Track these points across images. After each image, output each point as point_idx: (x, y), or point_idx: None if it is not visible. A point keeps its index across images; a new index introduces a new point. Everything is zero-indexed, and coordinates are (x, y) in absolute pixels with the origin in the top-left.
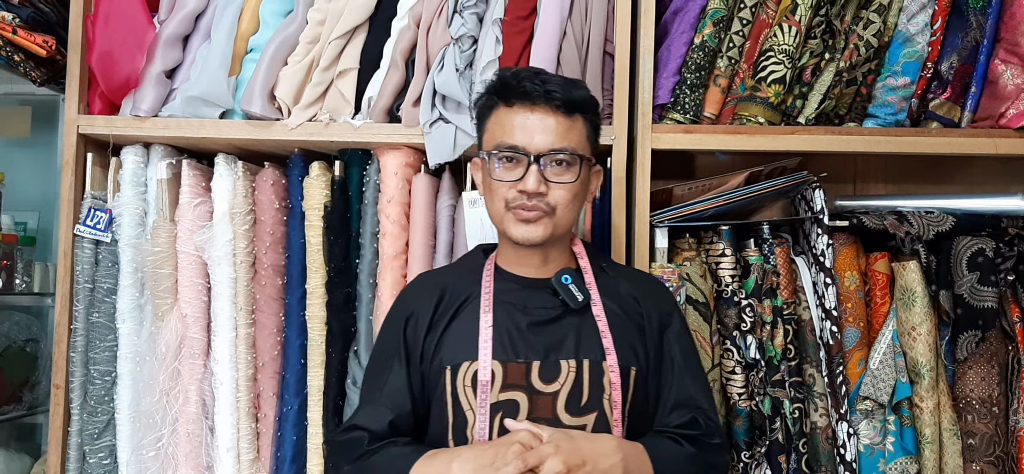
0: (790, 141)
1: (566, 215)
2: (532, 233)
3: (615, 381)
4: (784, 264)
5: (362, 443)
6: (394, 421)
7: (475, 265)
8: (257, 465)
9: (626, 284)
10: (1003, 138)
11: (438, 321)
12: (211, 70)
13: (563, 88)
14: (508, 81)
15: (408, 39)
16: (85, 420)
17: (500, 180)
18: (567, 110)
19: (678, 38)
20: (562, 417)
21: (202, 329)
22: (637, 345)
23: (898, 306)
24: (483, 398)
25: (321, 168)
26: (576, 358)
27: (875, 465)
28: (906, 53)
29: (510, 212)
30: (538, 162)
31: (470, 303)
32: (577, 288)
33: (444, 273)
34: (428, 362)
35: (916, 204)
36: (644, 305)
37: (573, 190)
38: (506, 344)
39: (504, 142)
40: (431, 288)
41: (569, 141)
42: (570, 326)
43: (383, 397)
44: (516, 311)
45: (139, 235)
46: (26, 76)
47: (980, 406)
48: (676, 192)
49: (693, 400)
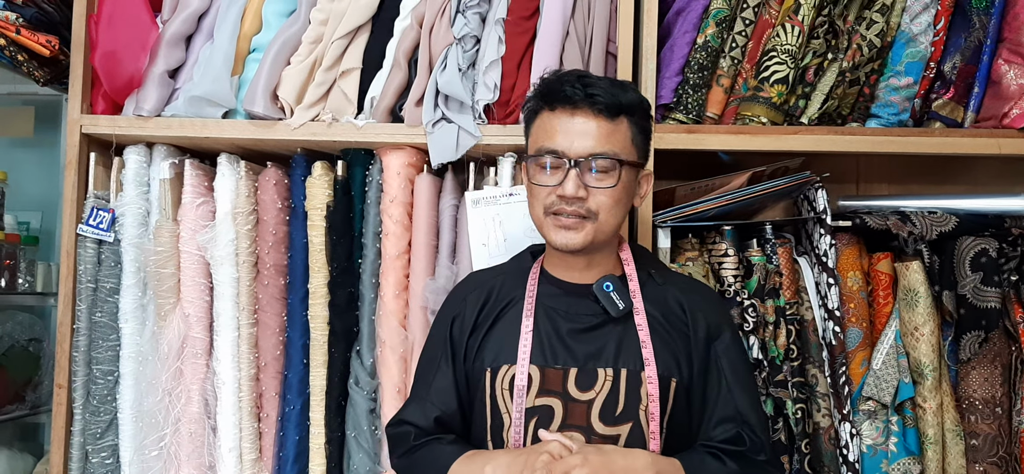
0: (793, 141)
1: (608, 221)
2: (571, 239)
3: (653, 392)
4: (787, 264)
5: (409, 438)
6: (440, 418)
7: (523, 268)
8: (259, 465)
9: (674, 292)
10: (1006, 138)
11: (482, 323)
12: (214, 70)
13: (607, 91)
14: (551, 85)
15: (411, 39)
16: (88, 420)
17: (540, 185)
18: (610, 114)
19: (681, 38)
20: (596, 426)
21: (204, 329)
22: (680, 356)
23: (901, 306)
24: (519, 402)
25: (324, 168)
26: (614, 367)
27: (878, 466)
28: (909, 53)
29: (549, 217)
30: (577, 166)
31: (513, 306)
32: (618, 296)
33: (493, 274)
34: (471, 362)
35: (919, 204)
36: (691, 314)
37: (614, 195)
38: (545, 349)
39: (544, 146)
40: (479, 289)
41: (610, 145)
42: (611, 334)
43: (430, 394)
44: (558, 317)
45: (142, 235)
46: (29, 76)
47: (983, 407)
48: (679, 192)
49: (740, 415)
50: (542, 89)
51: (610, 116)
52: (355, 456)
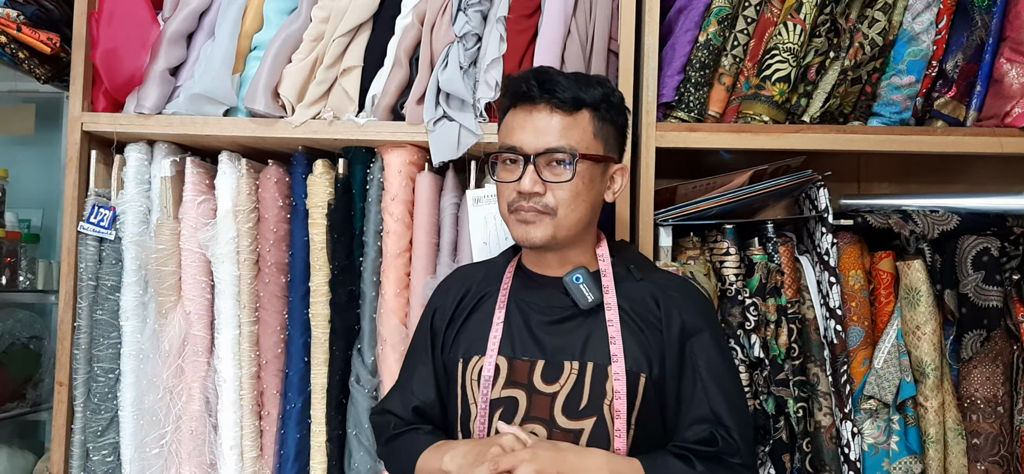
0: (794, 140)
1: (569, 215)
2: (531, 234)
3: (620, 388)
4: (788, 263)
5: (389, 427)
6: (419, 408)
7: (503, 262)
8: (260, 463)
9: (652, 288)
10: (1008, 137)
11: (459, 314)
12: (215, 68)
13: (568, 86)
14: (512, 83)
15: (412, 37)
16: (88, 418)
17: (502, 182)
18: (569, 108)
19: (682, 36)
20: (559, 419)
21: (205, 327)
22: (652, 352)
23: (903, 305)
24: (484, 392)
25: (325, 166)
26: (580, 360)
27: (879, 464)
28: (911, 52)
29: (512, 214)
30: (533, 162)
31: (489, 299)
32: (588, 289)
33: (476, 268)
34: (447, 353)
35: (921, 203)
36: (665, 311)
37: (572, 189)
38: (515, 341)
39: (504, 144)
40: (459, 282)
41: (566, 139)
42: (580, 327)
43: (411, 384)
44: (530, 309)
45: (143, 232)
46: (30, 73)
47: (985, 406)
48: (680, 191)
49: (715, 416)
50: (505, 87)
51: (569, 110)
52: (356, 454)
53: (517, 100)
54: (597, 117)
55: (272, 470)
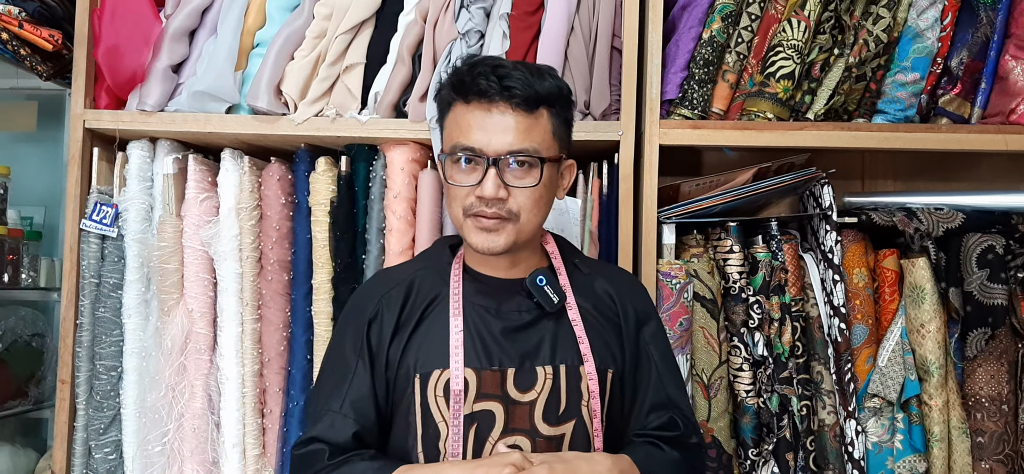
0: (798, 137)
1: (531, 220)
2: (493, 243)
3: (594, 388)
4: (792, 261)
5: (322, 457)
6: (358, 432)
7: (441, 262)
8: (263, 461)
9: (602, 281)
10: (1013, 134)
11: (404, 324)
12: (217, 65)
13: (524, 82)
14: (463, 77)
15: (415, 34)
16: (91, 415)
17: (458, 184)
18: (528, 106)
19: (686, 33)
20: (540, 427)
21: (208, 324)
22: (614, 345)
23: (907, 303)
24: (457, 409)
25: (327, 163)
26: (552, 364)
27: (883, 463)
28: (916, 49)
29: (469, 219)
30: (496, 165)
31: (438, 305)
32: (552, 289)
33: (406, 270)
34: (394, 368)
35: (925, 201)
36: (620, 303)
37: (535, 194)
38: (479, 351)
39: (460, 143)
40: (395, 288)
41: (530, 141)
42: (545, 330)
43: (345, 406)
44: (488, 315)
45: (145, 230)
46: (32, 70)
47: (989, 404)
48: (683, 188)
49: (671, 400)
50: (454, 80)
51: (529, 109)
52: None
53: (471, 95)
54: (553, 115)
55: (275, 468)
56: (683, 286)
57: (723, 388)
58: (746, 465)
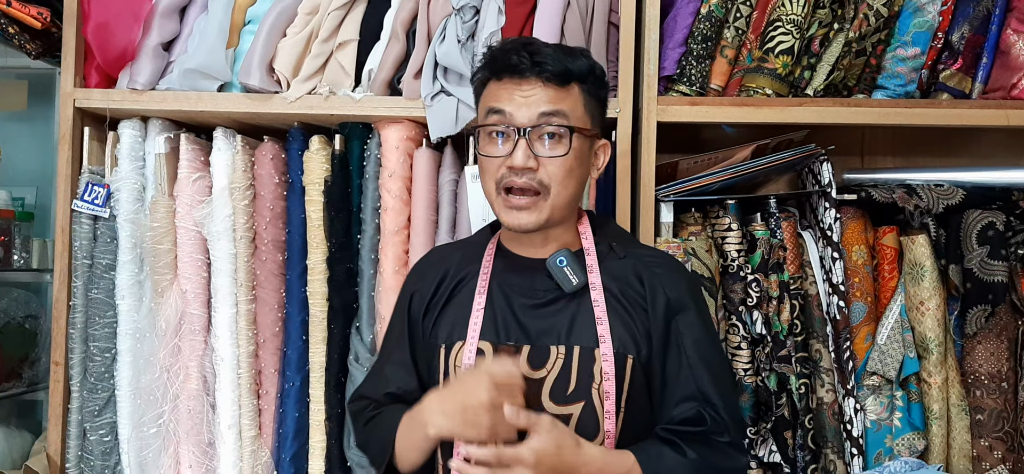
0: (798, 113)
1: (562, 194)
2: (523, 220)
3: (608, 371)
4: (791, 238)
5: (365, 411)
6: (393, 393)
7: (482, 242)
8: (259, 442)
9: (635, 265)
10: (1015, 109)
11: (438, 299)
12: (209, 42)
13: (555, 58)
14: (496, 55)
15: (409, 9)
16: (85, 397)
17: (489, 156)
18: (559, 81)
19: (684, 8)
20: (547, 405)
21: (202, 305)
22: (638, 332)
23: (906, 280)
24: None
25: (321, 142)
26: (566, 344)
27: (882, 441)
28: (916, 23)
29: (501, 196)
30: (526, 135)
31: (468, 282)
32: (572, 271)
33: (453, 249)
34: (426, 338)
35: (925, 177)
36: (650, 288)
37: (566, 164)
38: (499, 326)
39: (491, 108)
40: (436, 265)
41: (560, 107)
42: (565, 310)
43: (387, 369)
44: (513, 292)
45: (138, 210)
46: (21, 49)
47: (989, 381)
48: (682, 166)
49: (701, 393)
50: (488, 59)
51: (560, 83)
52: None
53: (503, 72)
54: (585, 90)
55: (271, 449)
56: None
57: None
58: (744, 444)
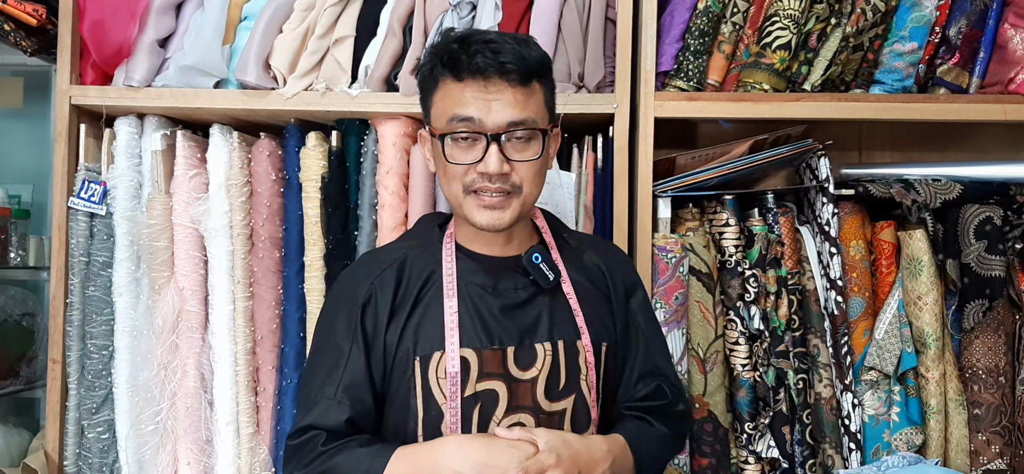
0: (795, 108)
1: (532, 192)
2: (498, 219)
3: (591, 361)
4: (788, 234)
5: (317, 443)
6: (352, 418)
7: (432, 241)
8: (257, 439)
9: (590, 254)
10: (1012, 104)
11: (400, 306)
12: (205, 39)
13: (518, 57)
14: (456, 54)
15: (405, 5)
16: (83, 395)
17: (457, 162)
18: (524, 80)
19: (681, 3)
20: (542, 404)
21: (199, 302)
22: (606, 318)
23: (904, 275)
24: (453, 391)
25: (318, 138)
26: (551, 340)
27: (880, 435)
28: (913, 17)
29: (471, 196)
30: (498, 140)
31: (433, 285)
32: (547, 266)
33: (395, 250)
34: (392, 352)
35: (923, 172)
36: (610, 274)
37: (537, 166)
38: (479, 330)
39: (458, 115)
40: (386, 270)
41: (528, 112)
42: (542, 306)
43: (338, 392)
44: (486, 294)
45: (134, 207)
46: (16, 46)
47: (986, 376)
48: (679, 161)
49: (657, 369)
50: (444, 56)
51: (524, 82)
52: None
53: (465, 72)
54: (543, 85)
55: (269, 446)
56: (679, 260)
57: (719, 362)
58: (742, 439)
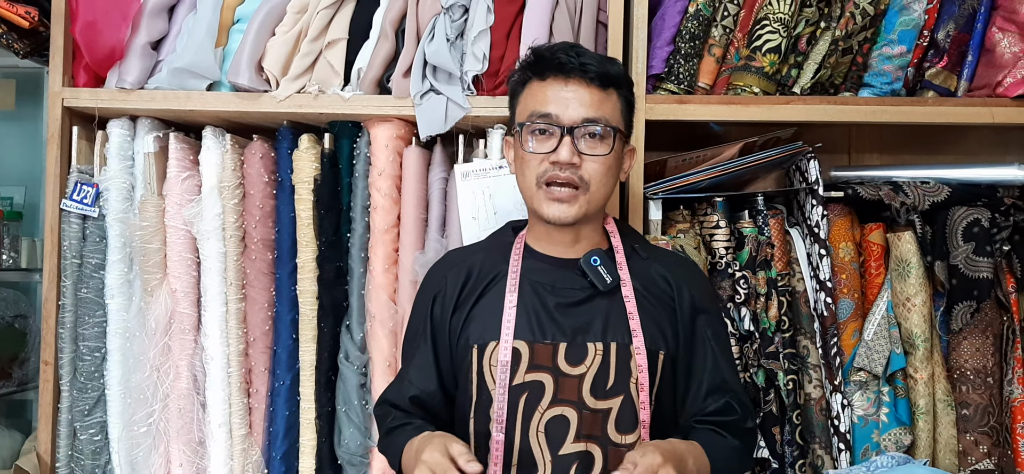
0: (785, 111)
1: (600, 191)
2: (565, 212)
3: (642, 364)
4: (778, 235)
5: (388, 418)
6: (417, 396)
7: (505, 243)
8: (249, 440)
9: (659, 266)
10: (999, 107)
11: (465, 300)
12: (197, 41)
13: (598, 62)
14: (542, 54)
15: (398, 8)
16: (75, 397)
17: (532, 152)
18: (602, 83)
19: (672, 7)
20: (587, 400)
21: (192, 304)
22: (666, 328)
23: (893, 277)
24: (502, 379)
25: (310, 141)
26: (603, 341)
27: (869, 436)
28: (902, 21)
29: (542, 189)
30: (571, 133)
31: (498, 282)
32: (606, 270)
33: (473, 250)
34: (455, 340)
35: (911, 174)
36: (677, 288)
37: (607, 163)
38: (533, 324)
39: (537, 111)
40: (459, 266)
41: (603, 112)
42: (598, 308)
43: (410, 373)
44: (545, 291)
45: (127, 209)
46: (9, 48)
47: (974, 377)
48: (670, 164)
49: (727, 384)
50: (533, 59)
51: (602, 85)
52: (346, 431)
53: (548, 71)
54: (621, 96)
55: (262, 447)
56: None
57: None
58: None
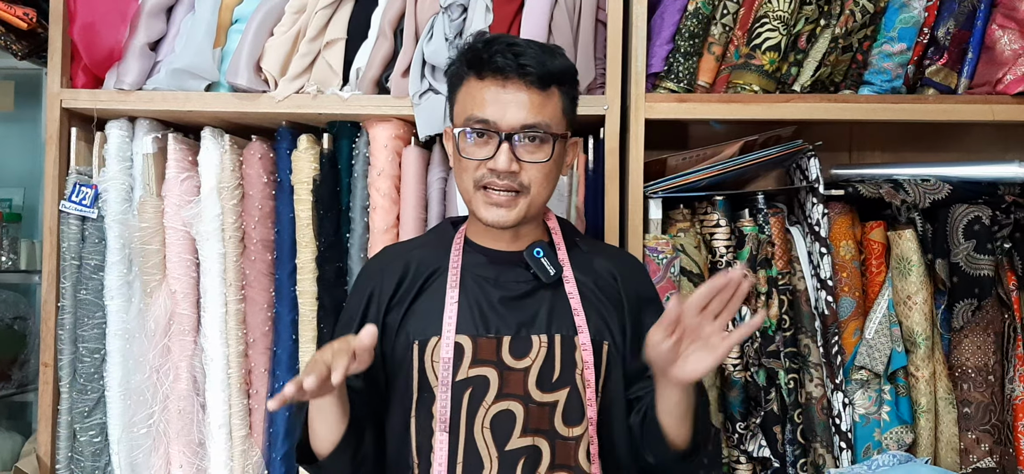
0: (785, 109)
1: (540, 194)
2: (504, 217)
3: (588, 358)
4: (779, 234)
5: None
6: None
7: (444, 238)
8: (249, 441)
9: (601, 260)
10: (1000, 104)
11: (403, 296)
12: (196, 42)
13: (538, 61)
14: (479, 53)
15: (396, 8)
16: (75, 398)
17: (469, 158)
18: (542, 84)
19: (671, 5)
20: (533, 393)
21: (191, 305)
22: (611, 320)
23: (894, 275)
24: (445, 375)
25: (309, 141)
26: (547, 333)
27: (870, 435)
28: (902, 19)
29: (480, 192)
30: (510, 140)
31: (438, 276)
32: (549, 262)
33: (411, 246)
34: (392, 336)
35: (912, 172)
36: (622, 281)
37: (546, 169)
38: (476, 319)
39: (474, 116)
40: (395, 262)
41: (543, 117)
42: (542, 300)
43: None
44: (487, 285)
45: (126, 211)
46: (7, 49)
47: (976, 375)
48: (670, 162)
49: None
50: (469, 55)
51: (542, 86)
52: None
53: (486, 71)
54: (563, 93)
55: (262, 448)
56: (670, 261)
57: None
58: (734, 439)
